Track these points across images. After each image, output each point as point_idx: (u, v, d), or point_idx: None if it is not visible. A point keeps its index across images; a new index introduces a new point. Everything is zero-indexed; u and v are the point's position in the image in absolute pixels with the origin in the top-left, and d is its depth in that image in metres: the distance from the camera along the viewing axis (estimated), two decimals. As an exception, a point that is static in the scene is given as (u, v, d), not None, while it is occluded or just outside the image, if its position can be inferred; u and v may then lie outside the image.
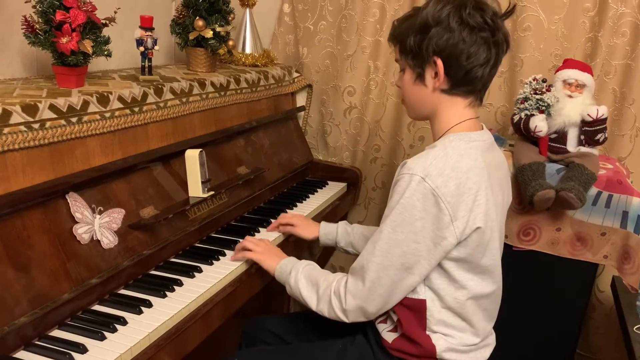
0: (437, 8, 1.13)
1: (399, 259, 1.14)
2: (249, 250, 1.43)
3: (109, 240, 1.23)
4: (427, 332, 1.21)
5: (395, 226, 1.13)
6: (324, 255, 2.35)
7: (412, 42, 1.17)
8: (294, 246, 1.66)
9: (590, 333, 2.07)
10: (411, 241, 1.12)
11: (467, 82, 1.17)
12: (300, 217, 1.65)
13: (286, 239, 1.65)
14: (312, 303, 1.26)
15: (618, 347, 1.82)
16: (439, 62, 1.14)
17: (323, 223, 1.61)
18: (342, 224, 1.59)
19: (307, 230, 1.61)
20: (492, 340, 1.31)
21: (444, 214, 1.10)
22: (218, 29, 1.75)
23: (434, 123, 1.24)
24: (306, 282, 1.28)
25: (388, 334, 1.25)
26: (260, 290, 1.50)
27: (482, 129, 1.23)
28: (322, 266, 1.75)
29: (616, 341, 1.95)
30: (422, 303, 1.20)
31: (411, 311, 1.21)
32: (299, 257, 1.41)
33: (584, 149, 1.74)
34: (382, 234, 1.15)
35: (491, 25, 1.13)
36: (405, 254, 1.13)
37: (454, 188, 1.10)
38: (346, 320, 1.22)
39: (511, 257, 1.73)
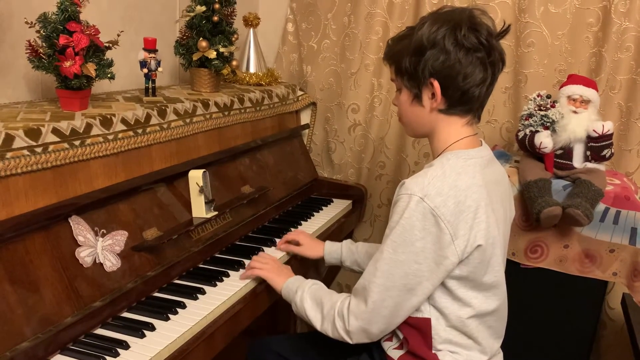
0: (432, 30, 1.13)
1: (401, 279, 1.13)
2: (258, 268, 1.44)
3: (111, 263, 1.23)
4: (434, 351, 1.20)
5: (395, 247, 1.12)
6: (330, 273, 2.34)
7: (407, 63, 1.17)
8: (300, 265, 1.64)
9: (601, 351, 2.03)
10: (412, 262, 1.12)
11: (464, 102, 1.16)
12: (306, 236, 1.65)
13: (292, 257, 1.65)
14: (317, 323, 1.26)
15: (630, 366, 1.79)
16: (436, 83, 1.14)
17: (327, 242, 1.61)
18: (347, 242, 1.59)
19: (312, 250, 1.61)
20: (499, 359, 1.30)
21: (444, 234, 1.09)
22: (221, 50, 1.75)
23: (432, 141, 1.24)
24: (311, 301, 1.28)
25: (394, 352, 1.24)
26: (267, 309, 1.49)
27: (481, 144, 1.23)
28: (329, 284, 1.74)
29: (628, 359, 1.91)
30: (427, 322, 1.19)
31: (416, 330, 1.20)
32: (305, 276, 1.41)
33: (590, 165, 1.72)
34: (383, 255, 1.14)
35: (486, 46, 1.13)
36: (407, 274, 1.12)
37: (453, 207, 1.10)
38: (350, 341, 1.21)
39: (519, 275, 1.72)
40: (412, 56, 1.15)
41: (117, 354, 1.09)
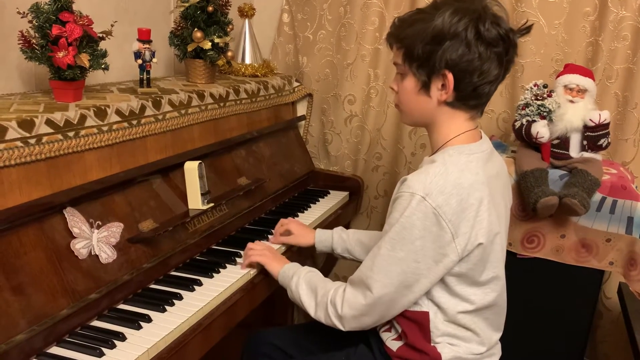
0: (453, 19, 1.08)
1: (398, 277, 1.12)
2: (254, 249, 1.44)
3: (107, 254, 1.22)
4: (432, 344, 1.20)
5: (394, 244, 1.11)
6: (327, 264, 2.34)
7: (420, 50, 1.11)
8: (298, 255, 1.64)
9: (597, 340, 2.04)
10: (411, 260, 1.10)
11: (474, 97, 1.13)
12: (297, 225, 1.64)
13: (289, 249, 1.64)
14: (311, 309, 1.26)
15: (626, 354, 1.79)
16: (450, 76, 1.10)
17: (318, 230, 1.60)
18: (338, 230, 1.58)
19: (303, 239, 1.60)
20: (497, 350, 1.30)
21: (445, 232, 1.08)
22: (216, 40, 1.74)
23: (432, 133, 1.21)
24: (306, 288, 1.28)
25: (392, 342, 1.24)
26: (264, 301, 1.49)
27: (481, 137, 1.21)
28: (326, 275, 1.73)
29: (624, 348, 1.92)
30: (425, 315, 1.18)
31: (415, 323, 1.20)
32: (302, 265, 1.40)
33: (586, 155, 1.72)
34: (381, 251, 1.13)
35: (506, 42, 1.09)
36: (404, 272, 1.12)
37: (456, 205, 1.08)
38: (342, 329, 1.21)
39: (516, 265, 1.72)
40: (428, 44, 1.10)
41: (113, 346, 1.08)
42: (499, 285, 1.21)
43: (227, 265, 1.46)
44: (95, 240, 1.21)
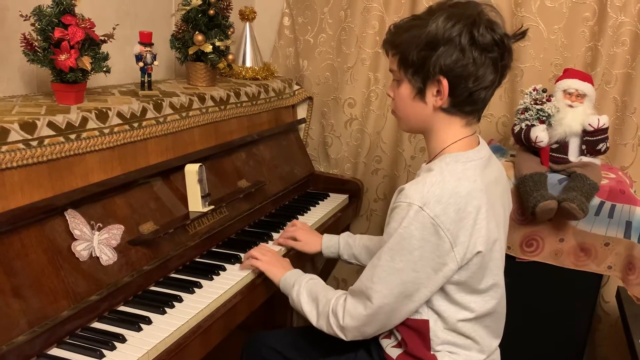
0: (447, 25, 1.07)
1: (398, 287, 1.12)
2: (257, 259, 1.44)
3: (108, 256, 1.23)
4: (432, 352, 1.20)
5: (393, 255, 1.11)
6: (326, 267, 2.34)
7: (415, 56, 1.11)
8: (297, 258, 1.64)
9: (596, 344, 2.05)
10: (410, 270, 1.10)
11: (469, 103, 1.13)
12: (304, 231, 1.64)
13: (289, 251, 1.65)
14: (313, 318, 1.26)
15: (625, 358, 1.80)
16: (445, 82, 1.10)
17: (325, 236, 1.61)
18: (344, 236, 1.59)
19: (310, 245, 1.61)
20: (497, 356, 1.30)
21: (444, 242, 1.08)
22: (217, 43, 1.75)
23: (429, 140, 1.21)
24: (307, 297, 1.28)
25: (392, 350, 1.24)
26: (264, 303, 1.49)
27: (479, 144, 1.20)
28: (325, 278, 1.74)
29: (623, 352, 1.93)
30: (425, 323, 1.18)
31: (415, 331, 1.19)
32: (302, 269, 1.41)
33: (585, 159, 1.73)
34: (380, 262, 1.13)
35: (501, 47, 1.09)
36: (404, 282, 1.12)
37: (454, 214, 1.07)
38: (344, 338, 1.21)
39: (514, 269, 1.72)
40: (422, 50, 1.09)
41: (113, 347, 1.09)
42: (498, 292, 1.21)
43: (227, 267, 1.46)
44: (96, 242, 1.22)
